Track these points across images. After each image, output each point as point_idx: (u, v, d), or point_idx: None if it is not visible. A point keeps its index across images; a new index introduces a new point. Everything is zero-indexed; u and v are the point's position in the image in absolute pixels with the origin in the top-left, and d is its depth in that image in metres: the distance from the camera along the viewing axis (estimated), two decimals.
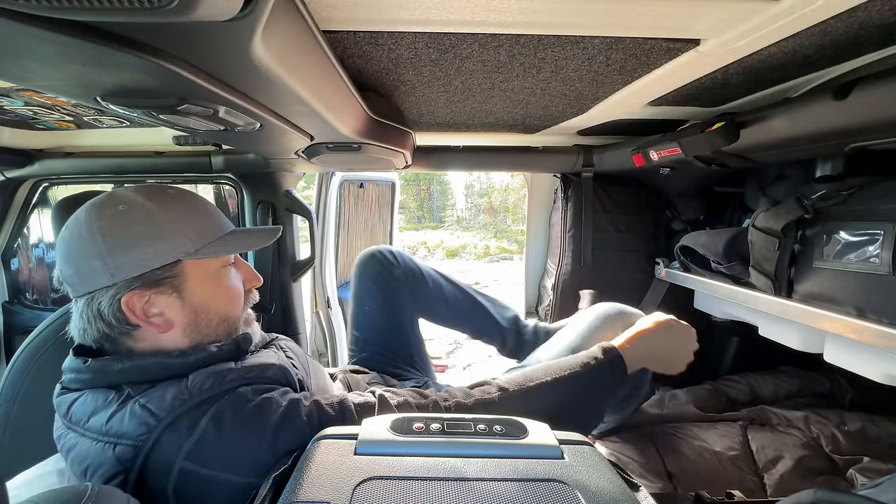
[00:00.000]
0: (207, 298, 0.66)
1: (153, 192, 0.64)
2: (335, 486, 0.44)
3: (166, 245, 0.61)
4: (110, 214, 0.60)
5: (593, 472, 0.49)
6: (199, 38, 0.38)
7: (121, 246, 0.59)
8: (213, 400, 0.56)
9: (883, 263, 0.74)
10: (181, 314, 0.64)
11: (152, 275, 0.61)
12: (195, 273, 0.64)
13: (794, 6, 0.47)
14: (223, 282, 0.68)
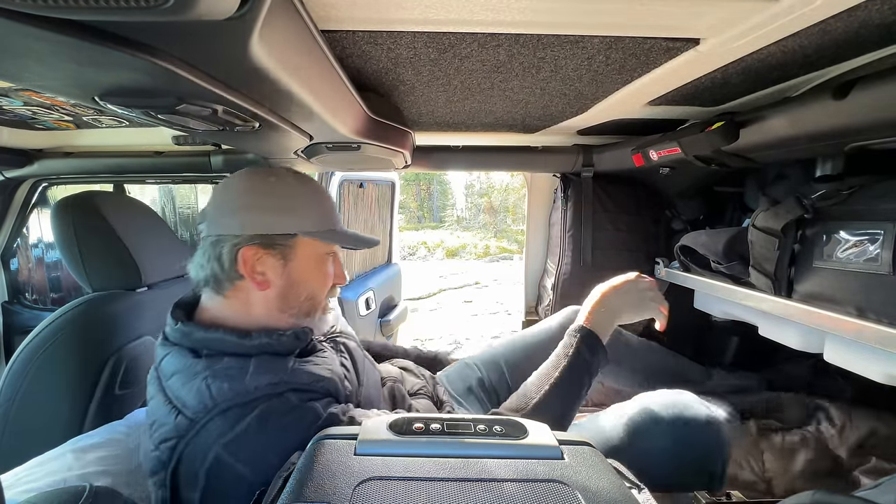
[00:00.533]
0: (304, 275, 0.74)
1: (301, 175, 0.76)
2: (335, 486, 0.44)
3: (292, 218, 0.71)
4: (260, 181, 0.71)
5: (593, 473, 0.49)
6: (196, 37, 0.38)
7: (258, 207, 0.69)
8: (264, 399, 0.61)
9: (883, 263, 0.74)
10: (279, 279, 0.71)
11: (271, 238, 0.70)
12: (304, 250, 0.73)
13: (793, 5, 0.47)
14: (321, 267, 0.76)
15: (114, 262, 0.97)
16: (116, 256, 0.97)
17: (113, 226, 0.96)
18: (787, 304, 0.90)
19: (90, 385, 0.89)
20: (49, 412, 0.88)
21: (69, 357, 0.88)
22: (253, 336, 0.67)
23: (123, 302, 0.95)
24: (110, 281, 0.98)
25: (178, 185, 1.66)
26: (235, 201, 0.70)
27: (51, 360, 0.87)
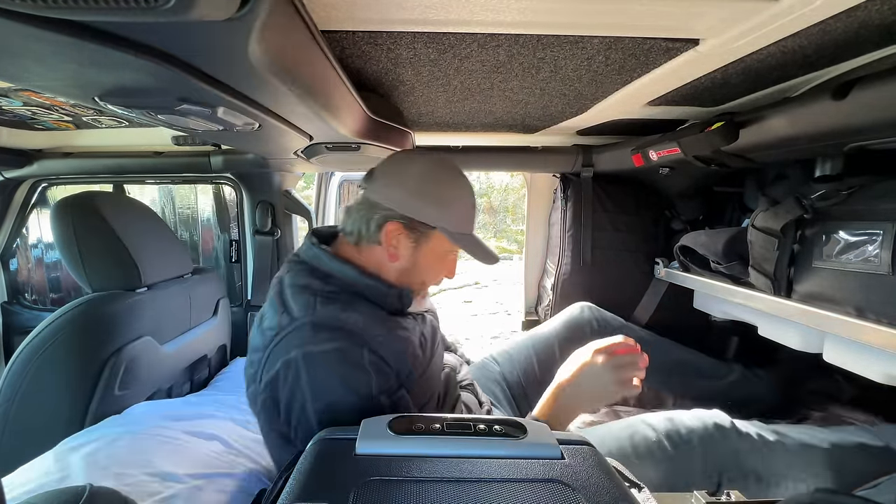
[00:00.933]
0: (427, 263, 0.82)
1: (462, 177, 0.82)
2: (335, 486, 0.44)
3: (440, 213, 0.78)
4: (433, 170, 0.79)
5: (593, 473, 0.49)
6: (196, 37, 0.38)
7: (419, 193, 0.76)
8: (346, 337, 0.67)
9: (882, 263, 0.74)
10: (406, 258, 0.79)
11: (415, 223, 0.77)
12: (436, 242, 0.80)
13: (793, 6, 0.47)
14: (443, 261, 0.85)
15: (113, 262, 0.97)
16: (116, 257, 0.97)
17: (113, 226, 0.96)
18: (787, 304, 0.90)
19: (90, 385, 0.88)
20: (49, 412, 0.88)
21: (69, 357, 0.88)
22: (368, 276, 0.77)
23: (123, 302, 0.95)
24: (110, 281, 0.97)
25: (177, 185, 1.66)
26: (404, 179, 0.77)
27: (50, 360, 0.87)
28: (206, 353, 1.29)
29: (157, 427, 0.86)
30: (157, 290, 1.05)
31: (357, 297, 0.74)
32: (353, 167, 1.52)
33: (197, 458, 0.82)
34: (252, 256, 1.54)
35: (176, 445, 0.83)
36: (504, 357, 1.21)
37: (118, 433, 0.81)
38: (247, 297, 1.57)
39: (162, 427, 0.87)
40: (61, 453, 0.74)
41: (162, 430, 0.86)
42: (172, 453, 0.80)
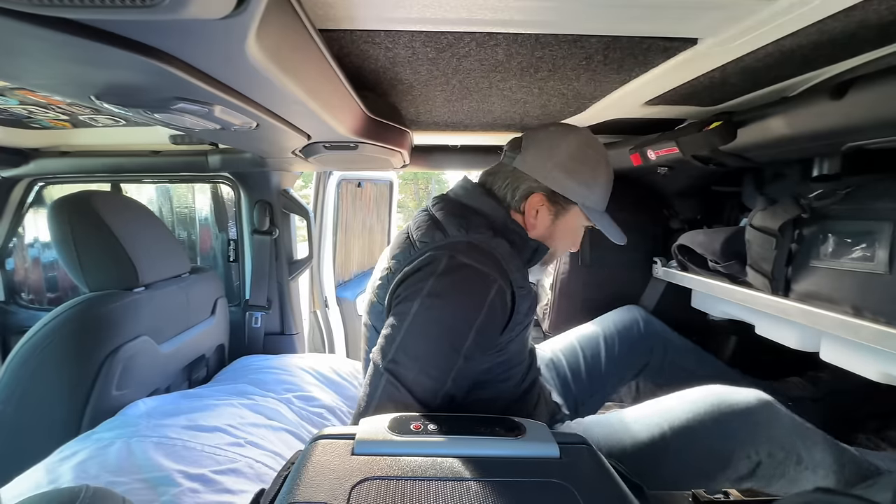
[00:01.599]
0: (561, 236, 0.87)
1: (606, 156, 0.86)
2: (332, 486, 0.44)
3: (583, 191, 0.83)
4: (582, 149, 0.82)
5: (592, 473, 0.49)
6: (193, 35, 0.37)
7: (568, 170, 0.81)
8: (493, 264, 0.71)
9: (879, 262, 0.74)
10: (544, 228, 0.85)
11: (558, 196, 0.83)
12: (572, 216, 0.86)
13: (791, 5, 0.47)
14: (575, 235, 0.91)
15: (110, 261, 0.97)
16: (113, 256, 0.96)
17: (110, 225, 0.96)
18: (785, 303, 0.90)
19: (87, 385, 0.88)
20: (46, 413, 0.88)
21: (66, 357, 0.88)
22: (513, 221, 0.82)
23: (120, 302, 0.94)
24: (107, 281, 0.97)
25: (175, 184, 1.65)
26: (555, 153, 0.81)
27: (47, 360, 0.86)
28: (204, 352, 1.29)
29: (152, 427, 0.85)
30: (155, 289, 1.05)
31: (500, 236, 0.78)
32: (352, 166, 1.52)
33: (194, 458, 0.80)
34: (250, 256, 1.53)
35: (171, 446, 0.81)
36: (552, 354, 1.22)
37: (110, 438, 0.79)
38: (245, 297, 1.56)
39: (157, 427, 0.85)
40: (52, 464, 0.73)
41: (157, 430, 0.84)
42: (168, 455, 0.78)
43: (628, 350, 1.23)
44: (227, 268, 1.64)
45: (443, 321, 0.67)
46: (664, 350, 1.26)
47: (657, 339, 1.27)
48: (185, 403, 0.98)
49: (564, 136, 0.83)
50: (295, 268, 1.60)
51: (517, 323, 0.76)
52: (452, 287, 0.68)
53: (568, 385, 1.15)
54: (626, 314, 1.33)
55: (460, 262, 0.69)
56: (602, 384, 1.18)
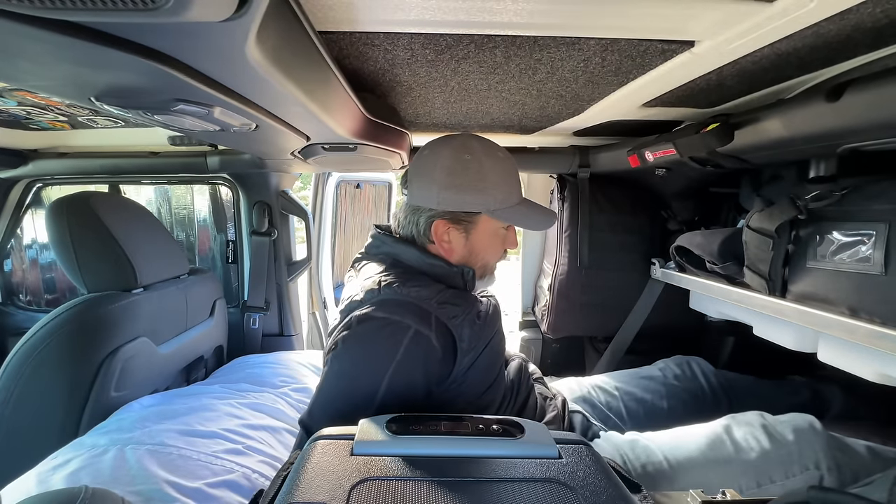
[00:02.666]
0: (482, 247, 0.84)
1: (490, 150, 0.82)
2: (331, 486, 0.44)
3: (479, 198, 0.79)
4: (457, 159, 0.79)
5: (591, 473, 0.49)
6: (193, 38, 0.37)
7: (452, 187, 0.78)
8: (417, 314, 0.71)
9: (875, 263, 0.74)
10: (461, 249, 0.83)
11: (458, 214, 0.81)
12: (485, 225, 0.83)
13: (787, 8, 0.47)
14: (497, 239, 0.87)
15: (109, 263, 0.96)
16: (112, 257, 0.96)
17: (108, 227, 0.96)
18: (782, 304, 0.91)
19: (85, 387, 0.88)
20: (44, 414, 0.87)
21: (64, 359, 0.87)
22: (431, 256, 0.81)
23: (119, 303, 0.94)
24: (105, 282, 0.97)
25: (173, 185, 1.65)
26: (433, 177, 0.79)
27: (46, 361, 0.86)
28: (203, 353, 1.28)
29: (147, 433, 0.82)
30: (154, 290, 1.05)
31: (421, 275, 0.79)
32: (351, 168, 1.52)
33: (190, 468, 0.78)
34: (249, 257, 1.53)
35: (167, 455, 0.78)
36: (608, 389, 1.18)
37: (104, 445, 0.77)
38: (243, 298, 1.56)
39: (153, 432, 0.83)
40: (44, 473, 0.72)
41: (153, 436, 0.82)
42: (162, 465, 0.75)
43: (694, 406, 1.17)
44: (225, 269, 1.64)
45: (350, 374, 0.70)
46: (730, 405, 1.19)
47: (722, 394, 1.20)
48: (181, 403, 0.97)
49: (437, 153, 0.81)
50: (293, 269, 1.60)
51: (469, 350, 0.75)
52: (359, 341, 0.70)
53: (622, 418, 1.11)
54: (686, 367, 1.25)
55: (369, 316, 0.71)
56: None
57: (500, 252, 0.89)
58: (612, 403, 1.13)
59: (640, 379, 1.21)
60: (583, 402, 1.10)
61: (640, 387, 1.18)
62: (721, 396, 1.20)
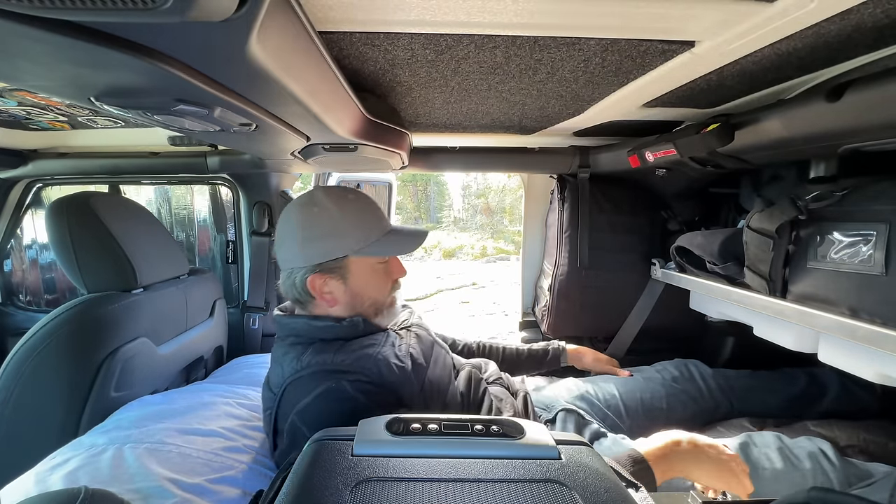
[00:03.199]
0: (363, 287, 0.85)
1: (339, 197, 0.84)
2: (332, 487, 0.44)
3: (339, 243, 0.81)
4: (307, 213, 0.82)
5: (591, 473, 0.49)
6: (194, 38, 0.37)
7: (311, 239, 0.81)
8: (324, 379, 0.73)
9: (876, 264, 0.74)
10: (344, 295, 0.84)
11: (328, 264, 0.82)
12: (358, 266, 0.84)
13: (787, 9, 0.47)
14: (377, 275, 0.87)
15: (109, 263, 0.96)
16: (112, 258, 0.96)
17: (108, 227, 0.96)
18: (782, 304, 0.91)
19: (85, 387, 0.88)
20: (44, 415, 0.87)
21: (64, 359, 0.87)
22: (317, 319, 0.83)
23: (119, 303, 0.94)
24: (105, 282, 0.97)
25: (173, 186, 1.65)
26: (292, 237, 0.82)
27: (45, 362, 0.86)
28: (203, 354, 1.28)
29: (145, 432, 0.82)
30: (153, 291, 1.05)
31: (319, 341, 0.81)
32: (351, 168, 1.52)
33: (189, 465, 0.78)
34: (249, 257, 1.53)
35: (166, 452, 0.78)
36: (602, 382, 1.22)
37: (103, 445, 0.77)
38: (243, 299, 1.56)
39: (151, 431, 0.82)
40: (42, 473, 0.71)
41: (151, 434, 0.81)
42: (162, 463, 0.75)
43: (693, 408, 1.19)
44: (225, 269, 1.64)
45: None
46: (730, 405, 1.22)
47: (721, 396, 1.22)
48: (180, 403, 0.96)
49: (289, 215, 0.85)
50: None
51: (398, 383, 0.78)
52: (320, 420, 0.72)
53: (620, 417, 1.14)
54: (684, 369, 1.29)
55: (302, 407, 0.73)
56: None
57: (386, 285, 0.89)
58: (611, 402, 1.14)
59: (638, 380, 1.22)
60: (581, 401, 1.11)
61: (638, 387, 1.19)
62: (720, 397, 1.21)
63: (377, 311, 0.88)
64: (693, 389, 1.21)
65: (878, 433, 1.04)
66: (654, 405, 1.16)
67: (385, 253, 0.86)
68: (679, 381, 1.23)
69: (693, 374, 1.25)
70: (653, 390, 1.19)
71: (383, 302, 0.89)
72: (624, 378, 1.25)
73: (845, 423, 1.08)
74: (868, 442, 1.02)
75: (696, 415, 1.18)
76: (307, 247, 0.81)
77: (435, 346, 0.97)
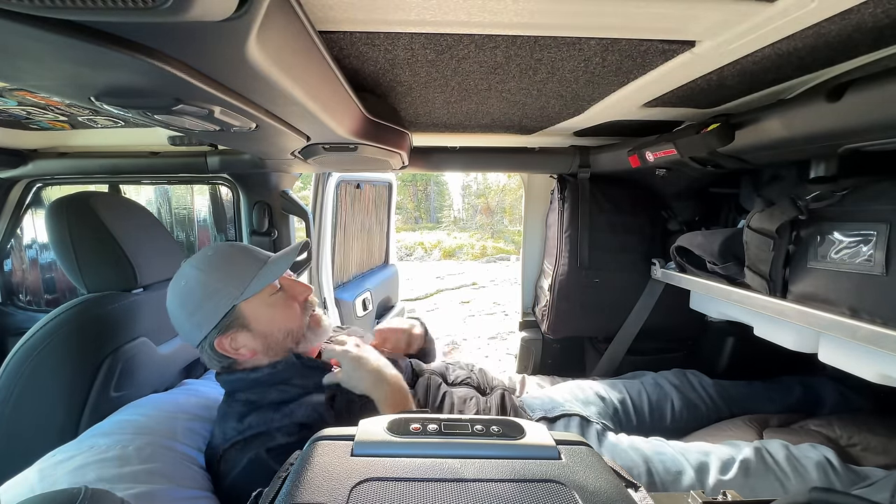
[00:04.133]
0: (269, 324, 0.84)
1: (199, 260, 0.84)
2: (331, 487, 0.44)
3: (219, 299, 0.80)
4: (179, 290, 0.83)
5: (590, 473, 0.49)
6: (194, 38, 0.37)
7: (194, 311, 0.80)
8: (257, 440, 0.74)
9: (876, 264, 0.74)
10: (255, 342, 0.83)
11: (222, 322, 0.80)
12: (252, 309, 0.82)
13: (787, 8, 0.47)
14: (276, 305, 0.85)
15: (109, 263, 0.96)
16: (112, 257, 0.96)
17: (108, 227, 0.95)
18: (782, 304, 0.91)
19: (85, 387, 0.88)
20: (44, 414, 0.87)
21: (64, 359, 0.87)
22: (249, 371, 0.83)
23: (119, 303, 0.94)
24: (105, 282, 0.97)
25: (173, 185, 1.65)
26: (181, 317, 0.83)
27: (45, 362, 0.86)
28: None
29: (147, 431, 0.81)
30: (154, 290, 1.05)
31: (243, 398, 0.82)
32: (351, 168, 1.52)
33: (189, 464, 0.78)
34: None
35: (169, 452, 0.78)
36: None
37: (107, 444, 0.77)
38: None
39: (153, 431, 0.82)
40: (46, 469, 0.71)
41: (153, 434, 0.81)
42: (166, 462, 0.75)
43: (696, 413, 1.22)
44: None
45: None
46: (730, 413, 1.24)
47: (721, 403, 1.25)
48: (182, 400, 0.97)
49: (168, 302, 0.85)
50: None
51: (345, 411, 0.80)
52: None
53: (629, 418, 1.16)
54: (683, 378, 1.30)
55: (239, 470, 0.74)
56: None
57: (293, 311, 0.87)
58: (613, 406, 1.14)
59: (639, 385, 1.23)
60: (583, 406, 1.11)
61: (635, 392, 1.20)
62: (721, 405, 1.23)
63: (298, 339, 0.87)
64: (695, 397, 1.23)
65: (879, 431, 1.04)
66: (655, 409, 1.17)
67: (264, 283, 0.83)
68: (679, 388, 1.24)
69: (692, 384, 1.27)
70: (653, 394, 1.20)
71: (300, 327, 0.87)
72: (624, 382, 1.25)
73: (846, 420, 1.08)
74: (869, 439, 1.02)
75: (698, 418, 1.19)
76: (195, 318, 0.81)
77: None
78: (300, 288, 0.89)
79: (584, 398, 1.14)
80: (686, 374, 1.29)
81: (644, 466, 0.91)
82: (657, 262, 1.42)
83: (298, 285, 0.90)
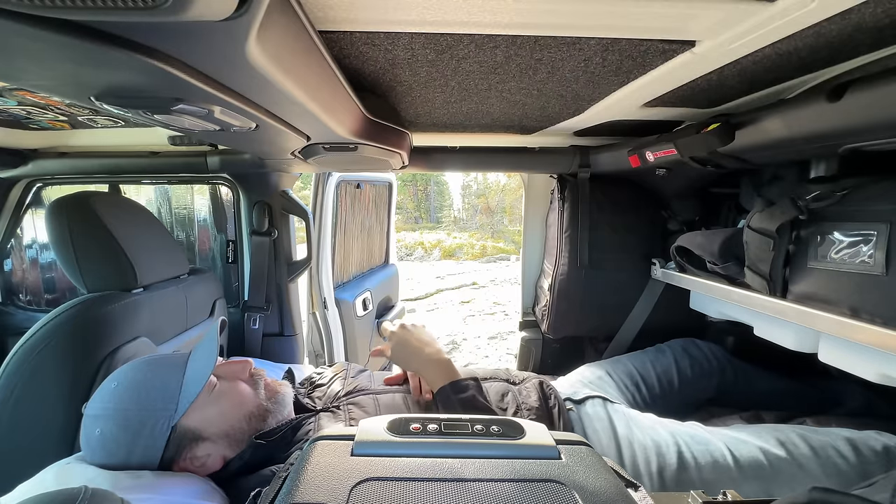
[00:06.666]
0: (220, 420, 0.73)
1: (110, 398, 0.70)
2: (332, 487, 0.44)
3: (152, 429, 0.68)
4: (96, 442, 0.68)
5: (590, 473, 0.49)
6: (193, 37, 0.37)
7: (126, 455, 0.67)
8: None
9: (876, 264, 0.74)
10: (217, 446, 0.73)
11: (168, 451, 0.69)
12: (195, 416, 0.71)
13: (788, 8, 0.47)
14: (220, 399, 0.75)
15: (109, 262, 0.96)
16: (112, 257, 0.96)
17: (108, 226, 0.95)
18: (782, 304, 0.91)
19: (85, 387, 0.88)
20: (44, 415, 0.87)
21: (64, 359, 0.87)
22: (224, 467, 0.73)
23: (119, 303, 0.94)
24: (105, 282, 0.97)
25: (173, 185, 1.65)
26: (126, 465, 0.69)
27: (45, 362, 0.86)
28: None
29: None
30: (154, 290, 1.05)
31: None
32: (351, 168, 1.52)
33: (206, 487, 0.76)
34: (249, 257, 1.53)
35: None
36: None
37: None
38: (243, 298, 1.56)
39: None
40: (62, 471, 0.69)
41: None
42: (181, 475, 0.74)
43: (699, 374, 1.25)
44: (225, 269, 1.64)
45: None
46: (735, 378, 1.28)
47: (728, 368, 1.29)
48: None
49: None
50: (294, 269, 1.60)
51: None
52: None
53: (638, 390, 1.18)
54: (689, 345, 1.35)
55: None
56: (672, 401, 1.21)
57: (242, 394, 0.78)
58: (629, 381, 1.18)
59: (650, 361, 1.26)
60: (597, 386, 1.14)
61: (644, 367, 1.24)
62: (725, 364, 1.27)
63: (265, 416, 0.78)
64: (699, 355, 1.28)
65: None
66: (667, 384, 1.21)
67: (196, 390, 0.72)
68: (693, 362, 1.28)
69: (707, 355, 1.30)
70: (666, 366, 1.24)
71: (258, 405, 0.78)
72: (638, 355, 1.29)
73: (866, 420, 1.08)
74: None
75: (710, 392, 1.24)
76: (132, 461, 0.68)
77: (378, 398, 0.90)
78: (237, 367, 0.81)
79: (596, 379, 1.17)
80: (698, 345, 1.34)
81: (672, 440, 0.90)
82: (657, 262, 1.42)
83: (234, 365, 0.81)
